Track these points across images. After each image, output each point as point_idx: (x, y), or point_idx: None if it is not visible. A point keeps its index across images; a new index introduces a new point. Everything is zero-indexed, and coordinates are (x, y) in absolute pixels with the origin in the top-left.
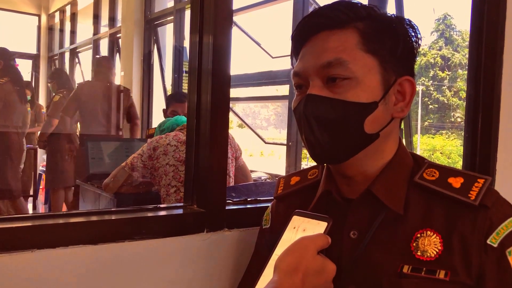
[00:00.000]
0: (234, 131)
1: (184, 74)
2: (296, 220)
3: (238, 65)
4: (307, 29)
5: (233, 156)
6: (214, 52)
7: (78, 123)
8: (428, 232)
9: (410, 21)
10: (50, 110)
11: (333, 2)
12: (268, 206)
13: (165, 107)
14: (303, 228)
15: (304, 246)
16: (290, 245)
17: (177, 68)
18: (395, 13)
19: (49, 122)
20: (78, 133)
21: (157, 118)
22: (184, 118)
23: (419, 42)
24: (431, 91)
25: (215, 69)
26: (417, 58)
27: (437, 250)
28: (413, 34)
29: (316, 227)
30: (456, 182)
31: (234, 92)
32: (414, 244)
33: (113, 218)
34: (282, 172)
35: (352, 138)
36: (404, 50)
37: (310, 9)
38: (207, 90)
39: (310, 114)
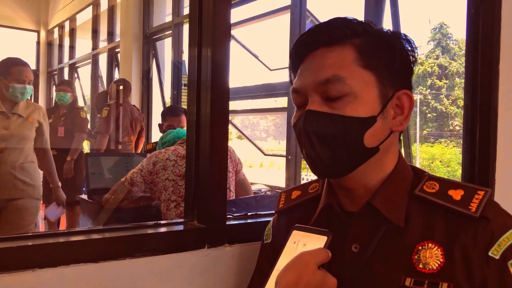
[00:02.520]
0: (234, 142)
1: (183, 87)
2: (296, 235)
3: (236, 78)
4: (304, 46)
5: (233, 169)
6: (212, 66)
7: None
8: (430, 245)
9: (406, 35)
10: (100, 126)
11: (330, 19)
12: (269, 220)
13: (160, 122)
14: (303, 243)
15: (304, 261)
16: (291, 260)
17: (176, 82)
18: (391, 24)
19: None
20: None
21: (157, 132)
22: (184, 132)
23: (416, 55)
24: (429, 100)
25: (214, 82)
26: (414, 69)
27: (439, 263)
28: (409, 48)
29: (316, 242)
30: (456, 194)
31: (233, 105)
32: (416, 257)
33: (113, 235)
34: (283, 184)
35: (352, 153)
36: (401, 64)
37: (307, 22)
38: (206, 103)
39: (310, 129)
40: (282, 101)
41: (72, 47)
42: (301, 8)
